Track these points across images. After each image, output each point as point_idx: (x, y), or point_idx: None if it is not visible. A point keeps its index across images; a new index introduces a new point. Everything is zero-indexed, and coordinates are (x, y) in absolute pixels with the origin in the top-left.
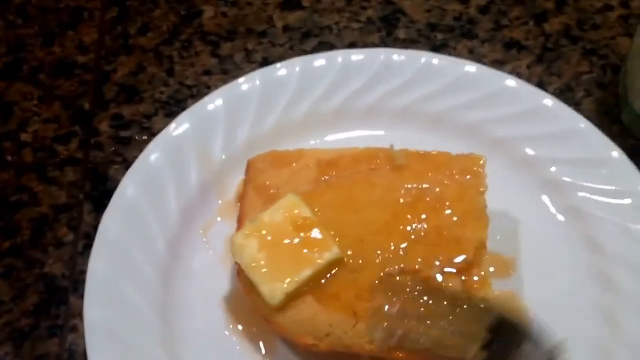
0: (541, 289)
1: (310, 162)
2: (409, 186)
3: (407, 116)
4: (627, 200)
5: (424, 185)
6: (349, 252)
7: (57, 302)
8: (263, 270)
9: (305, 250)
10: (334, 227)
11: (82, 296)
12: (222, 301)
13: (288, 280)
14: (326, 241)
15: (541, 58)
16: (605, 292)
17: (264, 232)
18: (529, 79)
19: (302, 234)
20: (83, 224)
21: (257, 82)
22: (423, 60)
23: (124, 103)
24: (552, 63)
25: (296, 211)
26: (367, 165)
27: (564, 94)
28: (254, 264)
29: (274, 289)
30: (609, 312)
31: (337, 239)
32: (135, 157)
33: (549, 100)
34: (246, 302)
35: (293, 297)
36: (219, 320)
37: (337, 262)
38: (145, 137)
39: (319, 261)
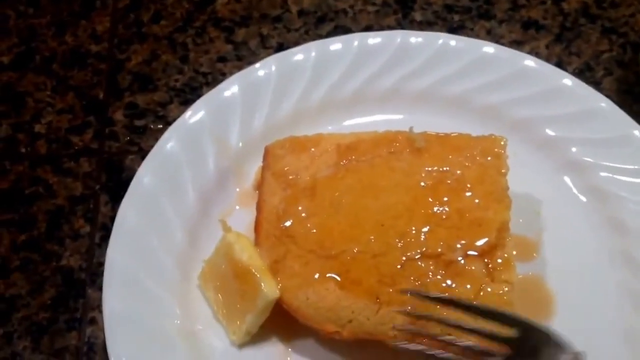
0: (565, 272)
1: (329, 147)
2: (430, 169)
3: (425, 99)
4: None
5: (445, 168)
6: (371, 237)
7: (75, 295)
8: (222, 312)
9: (246, 293)
10: (355, 212)
11: (100, 288)
12: None
13: (239, 323)
14: (258, 285)
15: (560, 37)
16: (630, 273)
17: (214, 277)
18: (547, 59)
19: (241, 279)
20: (100, 215)
21: (273, 68)
22: (440, 41)
23: (139, 92)
24: (571, 42)
25: (235, 255)
26: (387, 149)
27: (584, 74)
28: (215, 306)
29: (234, 331)
30: (634, 294)
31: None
32: (151, 146)
33: (568, 80)
34: None
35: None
36: None
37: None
38: (161, 126)
39: (257, 305)
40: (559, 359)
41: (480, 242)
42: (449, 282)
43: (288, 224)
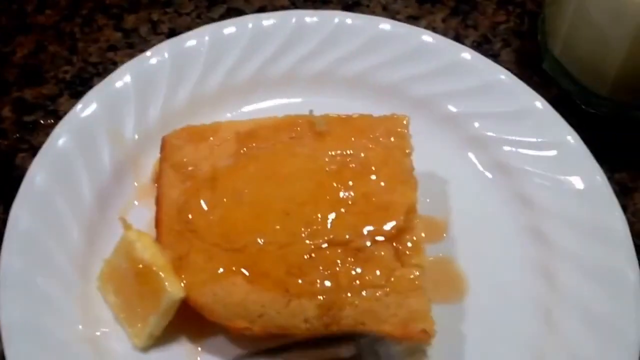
0: (475, 249)
1: (228, 135)
2: (333, 153)
3: (324, 80)
4: (554, 152)
5: (348, 151)
6: (277, 227)
7: None
8: (122, 315)
9: (148, 294)
10: (258, 201)
11: None
12: None
13: (141, 326)
14: (162, 285)
15: (456, 11)
16: (539, 246)
17: (113, 278)
18: (445, 33)
19: (143, 279)
20: None
21: (166, 55)
22: (336, 20)
23: (26, 86)
24: (467, 15)
25: (136, 253)
26: (288, 134)
27: (482, 46)
28: (115, 309)
29: (136, 334)
30: (543, 267)
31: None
32: (42, 143)
33: (467, 54)
34: None
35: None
36: None
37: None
38: (52, 121)
39: (161, 306)
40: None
41: (388, 227)
42: (358, 269)
43: (190, 217)
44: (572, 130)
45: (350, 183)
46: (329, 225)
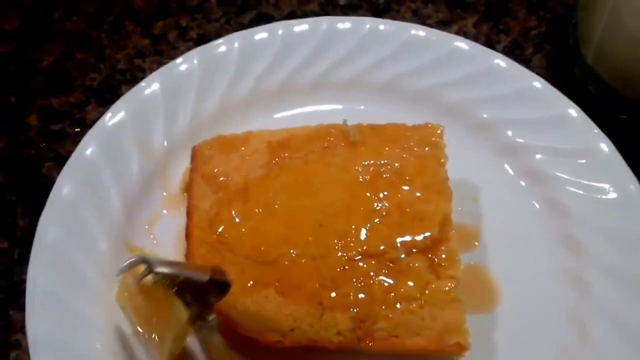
0: (507, 258)
1: (260, 145)
2: (366, 163)
3: (355, 87)
4: (587, 160)
5: (382, 161)
6: (309, 239)
7: None
8: (142, 332)
9: (162, 313)
10: (291, 213)
11: (22, 309)
12: None
13: (160, 343)
14: (174, 304)
15: (487, 15)
16: (572, 255)
17: (128, 296)
18: (476, 38)
19: (153, 297)
20: (18, 229)
21: (195, 62)
22: (368, 26)
23: (53, 94)
24: (498, 20)
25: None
26: (321, 144)
27: (514, 52)
28: (135, 325)
29: (158, 350)
30: (577, 276)
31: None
32: (69, 152)
33: (500, 60)
34: None
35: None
36: None
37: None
38: (79, 130)
39: (175, 325)
40: None
41: (423, 238)
42: (392, 282)
43: (221, 229)
44: (606, 138)
45: (384, 193)
46: (362, 237)
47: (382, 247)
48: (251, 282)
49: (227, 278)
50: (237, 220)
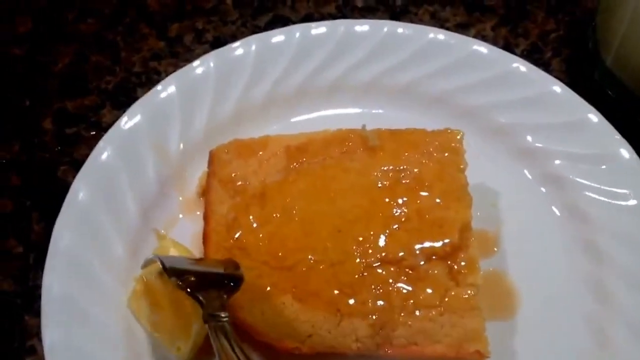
0: (526, 263)
1: (278, 150)
2: (385, 168)
3: (373, 90)
4: (607, 165)
5: (401, 167)
6: (328, 245)
7: (11, 322)
8: (157, 334)
9: (182, 312)
10: (309, 218)
11: (38, 314)
12: None
13: (178, 345)
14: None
15: (505, 19)
16: (592, 262)
17: (147, 295)
18: (494, 42)
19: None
20: (32, 234)
21: (212, 65)
22: (386, 29)
23: (67, 97)
24: (517, 23)
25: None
26: (339, 149)
27: (532, 55)
28: (151, 327)
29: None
30: (597, 282)
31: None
32: (85, 156)
33: (519, 64)
34: None
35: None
36: None
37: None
38: (94, 133)
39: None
40: None
41: (442, 244)
42: (411, 289)
43: (238, 234)
44: (627, 144)
45: (404, 199)
46: (381, 243)
47: (401, 254)
48: (268, 288)
49: (240, 271)
50: (255, 225)
